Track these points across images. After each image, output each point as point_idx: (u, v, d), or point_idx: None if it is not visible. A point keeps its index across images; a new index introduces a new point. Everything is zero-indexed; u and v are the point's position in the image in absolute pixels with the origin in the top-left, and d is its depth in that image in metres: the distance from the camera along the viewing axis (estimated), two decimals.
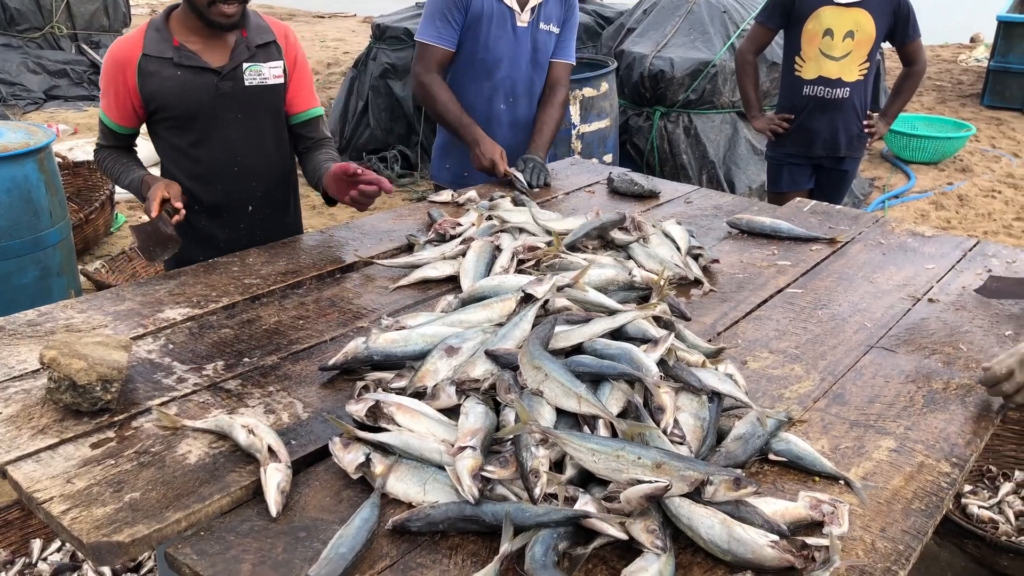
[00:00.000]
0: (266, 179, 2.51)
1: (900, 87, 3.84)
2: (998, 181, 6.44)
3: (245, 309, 2.00)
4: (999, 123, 7.90)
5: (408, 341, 1.62)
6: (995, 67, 8.23)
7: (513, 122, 3.08)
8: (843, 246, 2.46)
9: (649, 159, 5.80)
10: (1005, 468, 3.19)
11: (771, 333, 1.94)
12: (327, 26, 13.69)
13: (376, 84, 6.61)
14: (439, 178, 3.26)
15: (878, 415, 1.61)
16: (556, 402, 1.40)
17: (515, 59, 2.97)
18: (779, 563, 1.20)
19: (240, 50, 2.36)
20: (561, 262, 2.06)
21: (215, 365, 1.73)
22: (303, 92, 2.52)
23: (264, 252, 2.31)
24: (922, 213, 5.88)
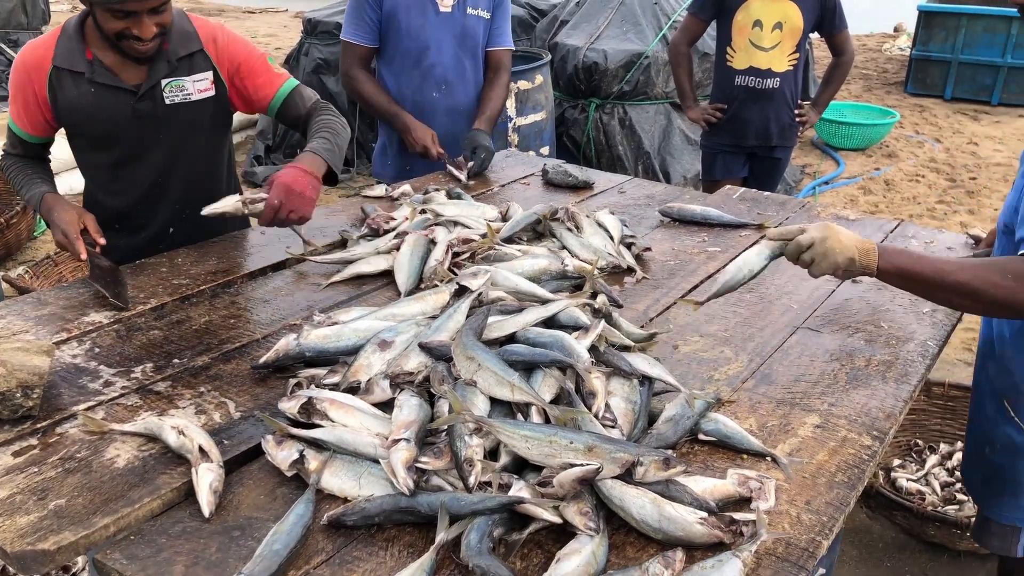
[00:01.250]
0: (190, 199, 2.27)
1: (829, 77, 3.95)
2: (921, 166, 6.67)
3: (174, 310, 1.97)
4: (922, 109, 8.18)
5: (340, 336, 1.62)
6: (917, 55, 8.51)
7: (450, 109, 3.09)
8: None
9: (586, 151, 5.86)
10: (931, 442, 3.33)
11: (701, 317, 1.98)
12: (257, 22, 13.45)
13: (309, 80, 6.52)
14: (381, 175, 3.25)
15: (803, 393, 1.67)
16: (490, 391, 1.42)
17: (441, 45, 2.98)
18: (708, 539, 1.24)
19: (159, 66, 2.13)
20: (496, 254, 2.08)
21: (144, 367, 1.71)
22: (261, 81, 2.27)
23: (193, 252, 2.28)
24: (851, 198, 6.06)
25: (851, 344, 1.87)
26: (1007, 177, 6.39)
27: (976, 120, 7.87)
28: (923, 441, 3.34)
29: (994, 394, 1.94)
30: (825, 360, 1.80)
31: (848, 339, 1.89)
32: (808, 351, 1.84)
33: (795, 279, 2.19)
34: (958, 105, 8.32)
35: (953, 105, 8.33)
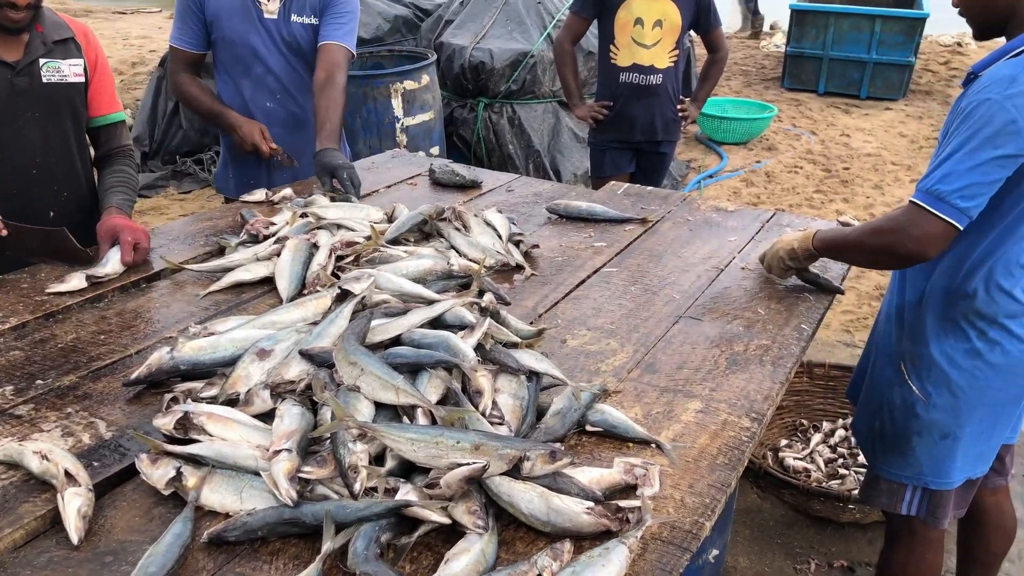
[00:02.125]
0: (70, 183, 2.36)
1: (707, 73, 4.09)
2: (799, 157, 6.98)
3: (37, 328, 1.87)
4: (798, 104, 8.57)
5: (217, 347, 1.57)
6: (791, 52, 8.91)
7: (287, 119, 2.96)
8: (654, 225, 2.60)
9: (476, 150, 5.88)
10: (815, 421, 3.49)
11: (588, 311, 2.02)
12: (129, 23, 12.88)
13: None
14: (224, 190, 3.14)
15: (686, 380, 1.72)
16: (374, 396, 1.41)
17: (271, 52, 2.87)
18: (596, 528, 1.27)
19: (35, 45, 2.20)
20: (381, 256, 2.06)
21: (2, 391, 1.61)
22: (105, 95, 2.40)
23: (58, 266, 2.16)
24: (735, 190, 6.29)
25: (731, 330, 1.94)
26: (877, 167, 6.77)
27: (848, 113, 8.30)
28: (807, 420, 3.50)
29: (893, 358, 2.05)
30: (706, 347, 1.86)
31: (728, 326, 1.96)
32: (690, 339, 1.90)
33: (677, 271, 2.26)
34: (831, 99, 8.75)
35: (826, 99, 8.75)
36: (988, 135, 1.71)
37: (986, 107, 1.72)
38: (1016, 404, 2.01)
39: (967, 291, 1.90)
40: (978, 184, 1.74)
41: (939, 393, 1.97)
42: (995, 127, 1.70)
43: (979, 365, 1.93)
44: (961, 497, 2.13)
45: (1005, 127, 1.69)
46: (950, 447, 2.00)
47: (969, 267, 1.88)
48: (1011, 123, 1.69)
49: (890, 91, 8.62)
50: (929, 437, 2.01)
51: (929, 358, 1.97)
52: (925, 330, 1.98)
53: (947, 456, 2.01)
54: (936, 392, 1.97)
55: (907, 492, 2.09)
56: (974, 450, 2.02)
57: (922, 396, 1.99)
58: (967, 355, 1.93)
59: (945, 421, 1.98)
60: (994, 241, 1.85)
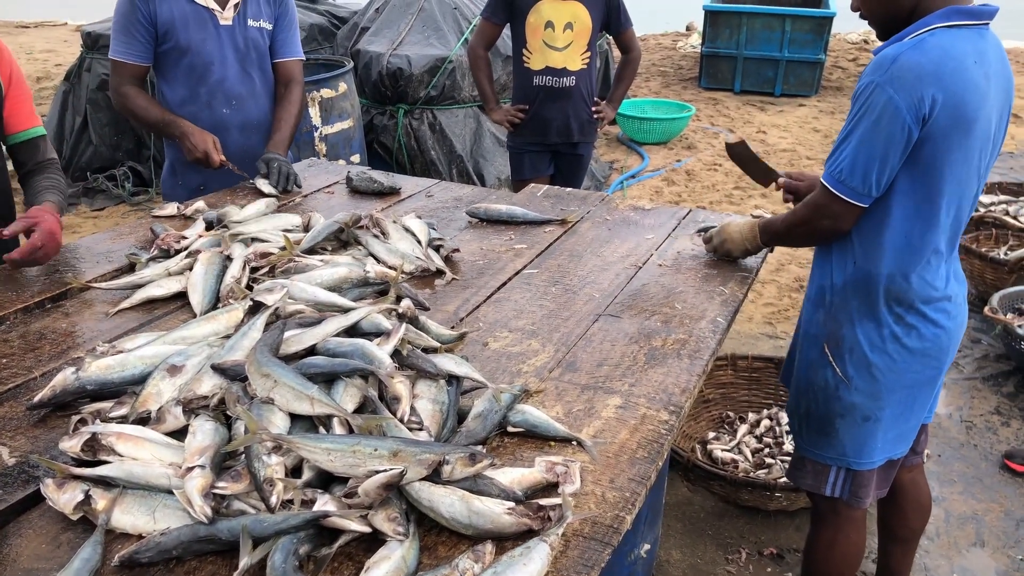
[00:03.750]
0: None
1: (621, 74, 4.17)
2: (718, 155, 7.16)
3: None
4: (715, 102, 8.79)
5: (125, 365, 1.54)
6: (707, 52, 9.13)
7: (242, 125, 2.99)
8: (573, 225, 2.63)
9: (399, 157, 5.85)
10: (741, 412, 3.58)
11: (510, 313, 2.04)
12: (33, 36, 12.43)
13: (94, 97, 6.12)
14: (171, 196, 3.08)
15: (606, 376, 1.75)
16: (288, 407, 1.39)
17: (227, 59, 2.88)
18: (517, 528, 1.28)
19: None
20: (296, 266, 2.04)
21: None
22: (22, 110, 2.31)
23: None
24: (657, 190, 6.41)
25: (649, 326, 1.98)
26: (793, 162, 6.98)
27: (763, 111, 8.54)
28: (734, 412, 3.59)
29: (817, 340, 2.11)
30: (625, 343, 1.89)
31: (646, 322, 2.00)
32: (610, 336, 1.93)
33: (596, 270, 2.29)
34: (747, 97, 9.00)
35: (742, 97, 9.00)
36: (874, 117, 1.80)
37: (870, 89, 1.80)
38: (932, 385, 2.10)
39: (885, 276, 1.97)
40: (868, 164, 1.83)
41: (860, 376, 2.04)
42: (878, 108, 1.79)
43: (897, 349, 2.00)
44: (882, 477, 2.21)
45: (886, 107, 1.78)
46: (871, 429, 2.07)
47: (886, 252, 1.95)
48: (889, 102, 1.77)
49: (803, 88, 8.92)
50: (851, 419, 2.07)
51: (851, 340, 2.04)
52: (847, 313, 2.04)
53: (868, 437, 2.08)
54: (857, 375, 2.04)
55: (831, 473, 2.16)
56: (894, 431, 2.10)
57: (844, 379, 2.05)
58: (886, 339, 2.00)
59: (866, 403, 2.05)
60: (907, 226, 1.92)
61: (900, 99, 1.76)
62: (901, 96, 1.76)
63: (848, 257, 2.02)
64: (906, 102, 1.76)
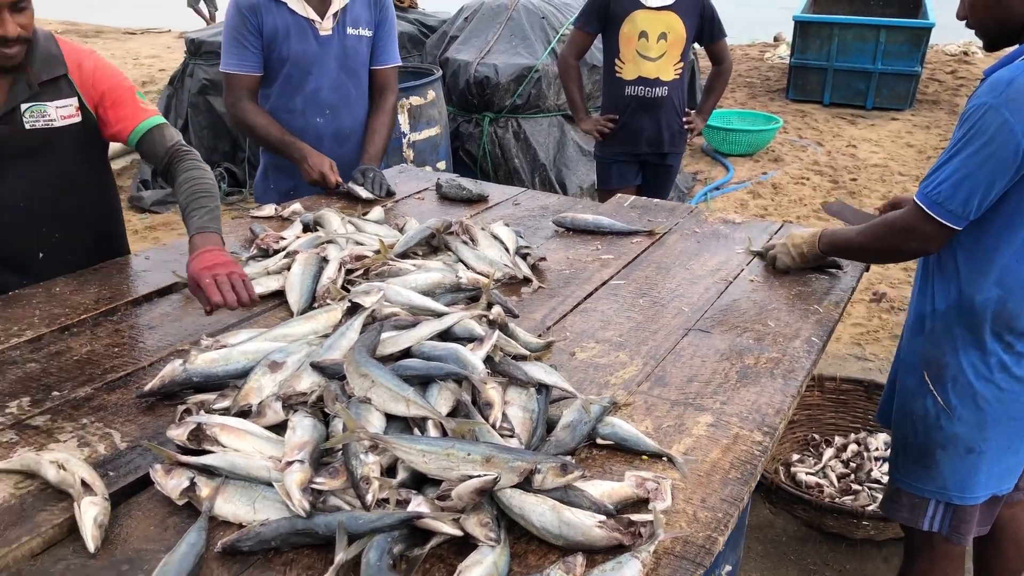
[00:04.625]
0: (60, 225, 2.25)
1: (711, 85, 4.12)
2: (806, 169, 7.00)
3: (53, 341, 1.89)
4: (803, 115, 8.60)
5: (229, 359, 1.59)
6: (795, 63, 8.94)
7: (336, 134, 3.04)
8: (661, 237, 2.61)
9: (483, 164, 5.91)
10: (827, 435, 3.49)
11: (597, 324, 2.03)
12: (139, 43, 13.00)
13: (195, 101, 6.37)
14: (263, 200, 3.17)
15: (696, 393, 1.73)
16: (385, 407, 1.42)
17: (324, 69, 2.93)
18: (608, 542, 1.27)
19: (19, 88, 2.08)
20: (390, 269, 2.08)
21: (19, 402, 1.63)
22: (124, 112, 2.23)
23: (73, 280, 2.19)
24: (741, 202, 6.31)
25: (740, 343, 1.95)
26: (884, 177, 6.78)
27: (853, 124, 8.32)
28: (819, 435, 3.49)
29: (917, 368, 2.04)
30: (716, 360, 1.87)
31: (737, 339, 1.97)
32: (700, 352, 1.90)
33: (685, 283, 2.27)
34: (836, 110, 8.77)
35: (832, 110, 8.78)
36: (984, 139, 1.73)
37: (982, 111, 1.74)
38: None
39: (993, 302, 1.89)
40: (973, 187, 1.76)
41: (964, 406, 1.95)
42: (990, 131, 1.72)
43: (1005, 378, 1.92)
44: (985, 513, 2.10)
45: (999, 130, 1.71)
46: (975, 461, 1.98)
47: (994, 278, 1.87)
48: (1003, 126, 1.70)
49: (896, 101, 8.64)
50: (953, 450, 1.98)
51: (954, 368, 1.96)
52: (950, 340, 1.96)
53: (972, 470, 1.99)
54: (961, 404, 1.95)
55: (929, 507, 2.07)
56: (1000, 465, 2.00)
57: (946, 408, 1.97)
58: (993, 368, 1.92)
59: (970, 434, 1.96)
60: (1019, 252, 1.85)
61: (1015, 122, 1.69)
62: (1016, 119, 1.69)
63: (951, 283, 1.95)
64: (1021, 125, 1.69)
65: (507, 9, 6.05)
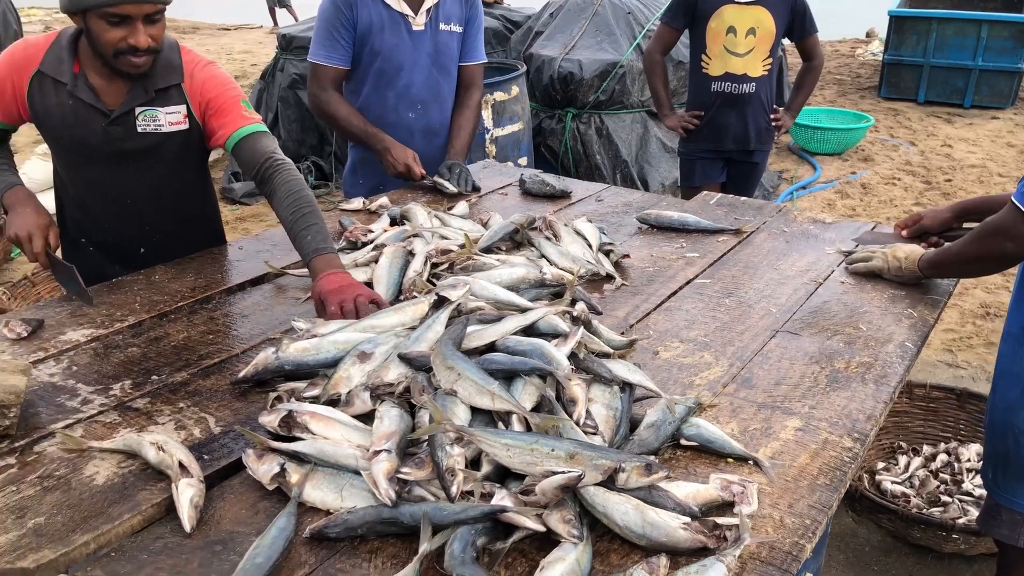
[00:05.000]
0: (161, 223, 2.36)
1: (801, 81, 4.01)
2: (897, 169, 6.76)
3: (152, 327, 1.97)
4: (896, 113, 8.30)
5: (320, 349, 1.63)
6: (889, 60, 8.64)
7: (425, 129, 3.07)
8: (748, 236, 2.56)
9: (564, 160, 5.90)
10: (915, 444, 3.36)
11: (681, 323, 2.00)
12: (233, 38, 13.43)
13: (285, 95, 6.54)
14: (352, 194, 3.22)
15: (784, 396, 1.69)
16: (470, 400, 1.43)
17: (416, 64, 2.95)
18: (692, 544, 1.25)
19: (136, 92, 2.15)
20: (475, 264, 2.09)
21: (122, 385, 1.70)
22: (226, 119, 2.23)
23: (171, 268, 2.27)
24: (828, 202, 6.13)
25: (830, 346, 1.89)
26: (982, 178, 6.49)
27: (950, 123, 7.99)
28: (907, 443, 3.37)
29: (1019, 379, 1.95)
30: (805, 363, 1.82)
31: (827, 341, 1.91)
32: (788, 354, 1.86)
33: (773, 284, 2.22)
34: (931, 108, 8.44)
35: (926, 108, 8.45)
36: None
37: None
38: None
39: None
40: None
41: None
42: None
43: None
44: None
45: None
46: None
47: None
48: None
49: (997, 99, 8.27)
50: None
51: None
52: None
53: None
54: None
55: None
56: None
57: None
58: None
59: None
60: None
61: None
62: None
63: None
64: None
65: (593, 4, 6.01)
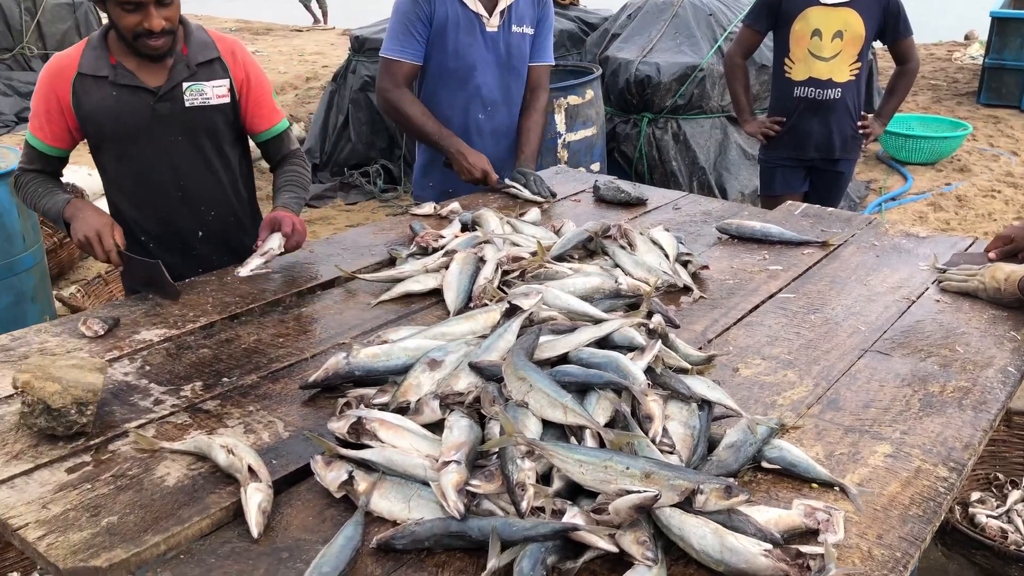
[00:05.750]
0: (216, 203, 2.48)
1: (894, 86, 3.90)
2: (997, 180, 6.51)
3: (223, 328, 2.02)
4: (996, 121, 7.99)
5: (390, 355, 1.64)
6: (990, 64, 8.34)
7: (494, 131, 3.09)
8: (836, 249, 2.49)
9: (638, 167, 5.86)
10: (1013, 475, 3.22)
11: (763, 339, 1.96)
12: (305, 40, 13.75)
13: (356, 97, 6.65)
14: (422, 197, 3.26)
15: (873, 420, 1.63)
16: (542, 413, 1.42)
17: (488, 65, 2.97)
18: (773, 572, 1.22)
19: (179, 69, 2.31)
20: (546, 272, 2.09)
21: (193, 386, 1.75)
22: (263, 110, 2.48)
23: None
24: (920, 215, 5.94)
25: (924, 369, 1.83)
26: None
27: None
28: (1004, 475, 3.23)
29: None
30: (896, 385, 1.76)
31: (921, 363, 1.85)
32: (878, 375, 1.80)
33: (862, 300, 2.15)
34: None
35: None
36: None
37: None
38: None
39: None
40: None
41: None
42: None
43: None
44: None
45: None
46: None
47: None
48: None
49: None
50: None
51: None
52: None
53: None
54: None
55: None
56: None
57: None
58: None
59: None
60: None
61: None
62: None
63: None
64: None
65: (673, 5, 5.96)
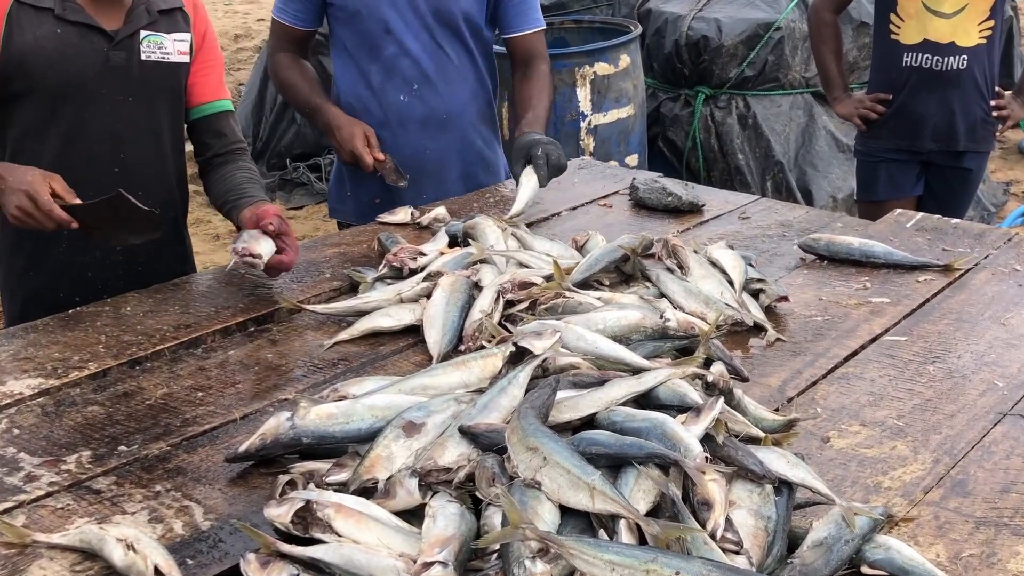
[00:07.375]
0: (158, 188, 2.55)
1: None
2: None
3: (121, 378, 2.04)
4: None
5: (351, 416, 1.65)
6: None
7: (428, 118, 3.07)
8: (963, 275, 2.52)
9: (691, 160, 5.90)
10: None
11: (863, 398, 1.98)
12: None
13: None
14: (339, 212, 3.31)
15: (1015, 510, 1.65)
16: (560, 497, 1.43)
17: (408, 27, 2.96)
18: None
19: (139, 12, 2.44)
20: (566, 303, 2.10)
21: (79, 457, 1.76)
22: (211, 78, 2.62)
23: (147, 298, 2.35)
24: None
25: None
26: None
27: None
28: None
29: None
30: None
31: None
32: (1020, 448, 1.82)
33: (1000, 346, 2.18)
34: None
35: None
36: None
37: None
38: None
39: None
40: None
41: None
42: None
43: None
44: None
45: None
46: None
47: None
48: None
49: None
50: None
51: None
52: None
53: None
54: None
55: None
56: None
57: None
58: None
59: None
60: None
61: None
62: None
63: None
64: None
65: None
